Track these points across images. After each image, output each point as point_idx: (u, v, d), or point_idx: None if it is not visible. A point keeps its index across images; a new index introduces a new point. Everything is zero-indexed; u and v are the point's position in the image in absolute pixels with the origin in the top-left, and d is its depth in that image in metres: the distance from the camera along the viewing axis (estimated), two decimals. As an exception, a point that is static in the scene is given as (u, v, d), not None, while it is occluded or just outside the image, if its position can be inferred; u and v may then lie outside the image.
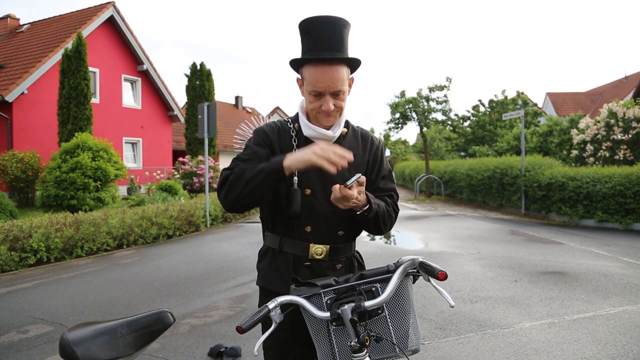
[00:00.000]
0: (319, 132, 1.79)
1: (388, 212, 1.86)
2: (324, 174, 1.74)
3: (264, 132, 1.85)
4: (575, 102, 34.23)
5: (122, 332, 1.29)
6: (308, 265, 1.79)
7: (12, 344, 3.70)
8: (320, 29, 1.72)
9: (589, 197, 10.24)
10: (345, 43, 1.76)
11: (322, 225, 1.79)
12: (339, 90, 1.72)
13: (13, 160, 13.55)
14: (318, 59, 1.69)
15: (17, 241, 6.58)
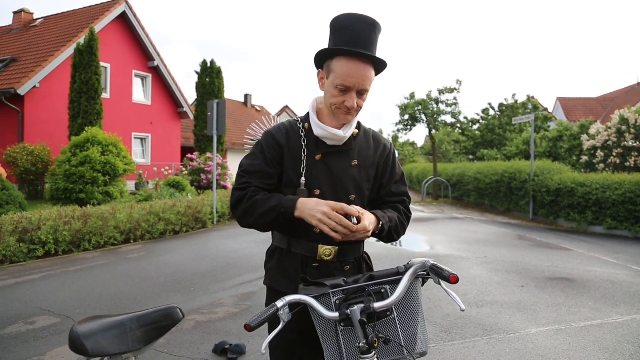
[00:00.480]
0: (329, 132, 1.77)
1: (401, 222, 1.86)
2: (333, 175, 1.77)
3: (272, 137, 1.83)
4: (586, 108, 33.96)
5: (131, 327, 1.29)
6: (316, 267, 1.78)
7: (20, 335, 3.73)
8: (359, 26, 1.70)
9: (599, 204, 10.16)
10: (377, 46, 1.76)
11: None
12: (365, 89, 1.71)
13: (24, 152, 13.66)
14: (356, 52, 1.67)
15: (26, 233, 6.62)
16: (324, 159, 1.79)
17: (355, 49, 1.67)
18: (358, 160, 1.81)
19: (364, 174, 1.81)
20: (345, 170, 1.79)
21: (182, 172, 16.90)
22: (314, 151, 1.79)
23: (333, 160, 1.79)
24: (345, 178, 1.79)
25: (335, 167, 1.79)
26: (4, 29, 22.33)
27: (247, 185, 1.75)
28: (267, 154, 1.80)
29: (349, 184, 1.79)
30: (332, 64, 1.71)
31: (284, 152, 1.80)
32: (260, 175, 1.77)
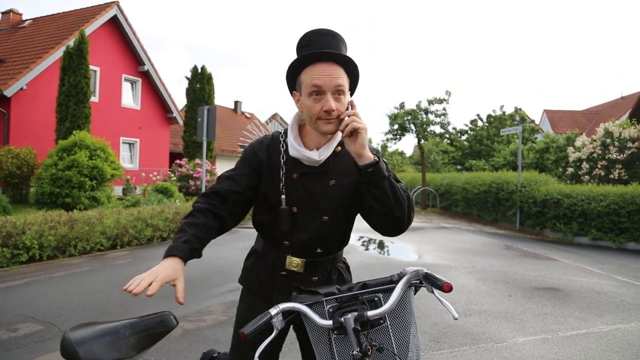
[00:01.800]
0: (303, 154, 1.75)
1: (402, 189, 1.72)
2: (310, 194, 1.76)
3: (253, 150, 1.84)
4: (571, 120, 34.46)
5: (124, 334, 1.28)
6: (284, 275, 1.83)
7: (1, 343, 3.66)
8: (320, 38, 1.72)
9: (584, 215, 10.28)
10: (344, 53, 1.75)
11: (300, 241, 1.80)
12: (339, 85, 1.66)
13: (8, 155, 13.47)
14: (318, 52, 1.67)
15: (10, 237, 6.52)
16: (301, 178, 1.77)
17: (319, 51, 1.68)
18: (336, 180, 1.77)
19: (343, 193, 1.77)
20: (322, 190, 1.77)
21: (171, 178, 16.80)
22: (292, 169, 1.78)
23: (309, 180, 1.77)
24: (321, 198, 1.77)
25: (312, 187, 1.77)
26: (-8, 30, 22.10)
27: (203, 198, 1.77)
28: (247, 165, 1.82)
29: (323, 205, 1.77)
30: (301, 77, 1.71)
31: (263, 167, 1.81)
32: (230, 183, 1.79)
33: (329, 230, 1.80)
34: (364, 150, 1.62)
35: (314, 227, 1.78)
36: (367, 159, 1.62)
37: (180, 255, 1.58)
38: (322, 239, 1.81)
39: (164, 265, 1.53)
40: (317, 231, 1.79)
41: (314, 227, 1.78)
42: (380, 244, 9.51)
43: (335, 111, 1.65)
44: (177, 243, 1.61)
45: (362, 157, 1.62)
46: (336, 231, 1.83)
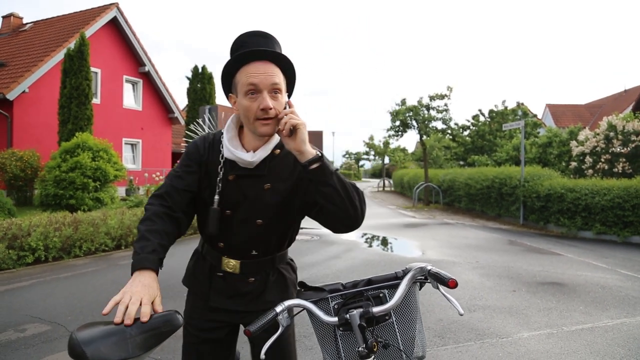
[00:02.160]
0: (236, 155, 1.72)
1: (352, 184, 1.67)
2: (245, 197, 1.74)
3: (196, 149, 1.81)
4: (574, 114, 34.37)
5: (131, 333, 1.28)
6: (221, 276, 1.82)
7: (10, 343, 3.69)
8: (252, 39, 1.70)
9: (588, 209, 10.26)
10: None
11: (235, 244, 1.79)
12: (275, 83, 1.64)
13: (12, 158, 13.52)
14: (250, 51, 1.65)
15: (16, 239, 6.56)
16: (237, 180, 1.75)
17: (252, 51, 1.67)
18: (272, 183, 1.74)
19: (279, 198, 1.74)
20: (256, 193, 1.74)
21: (173, 177, 16.78)
22: (229, 170, 1.76)
23: (246, 183, 1.75)
24: (255, 202, 1.74)
25: (247, 190, 1.74)
26: (-7, 33, 22.16)
27: (155, 199, 1.73)
28: (192, 162, 1.79)
29: (258, 209, 1.75)
30: (236, 78, 1.69)
31: (202, 166, 1.79)
32: (180, 181, 1.75)
33: (263, 234, 1.77)
34: (304, 146, 1.59)
35: (248, 230, 1.76)
36: (309, 154, 1.58)
37: (152, 268, 1.54)
38: (256, 242, 1.78)
39: (141, 283, 1.47)
40: (251, 234, 1.76)
41: (247, 230, 1.76)
42: (384, 240, 9.52)
43: (272, 110, 1.63)
44: (143, 254, 1.56)
45: (303, 153, 1.58)
46: (271, 235, 1.79)
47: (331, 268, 6.46)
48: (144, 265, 1.52)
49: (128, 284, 1.46)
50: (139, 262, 1.53)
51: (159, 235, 1.62)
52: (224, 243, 1.79)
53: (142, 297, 1.40)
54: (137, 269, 1.52)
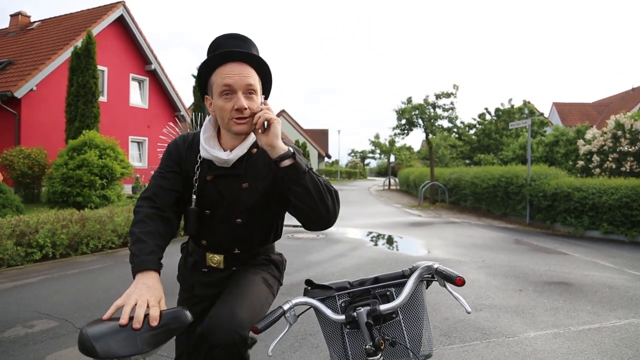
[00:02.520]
0: (212, 154, 1.73)
1: (325, 184, 1.66)
2: (223, 197, 1.75)
3: (176, 148, 1.84)
4: (581, 113, 34.19)
5: (140, 330, 1.30)
6: (205, 272, 1.85)
7: (18, 338, 3.72)
8: (228, 42, 1.72)
9: (595, 208, 10.20)
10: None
11: (217, 241, 1.81)
12: (250, 84, 1.65)
13: (20, 156, 13.61)
14: (225, 52, 1.66)
15: (24, 236, 6.60)
16: (215, 180, 1.76)
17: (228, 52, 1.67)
18: (250, 183, 1.74)
19: (257, 196, 1.74)
20: (235, 193, 1.75)
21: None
22: (206, 171, 1.77)
23: (223, 183, 1.76)
24: (234, 201, 1.75)
25: (225, 190, 1.76)
26: (1, 31, 22.28)
27: (144, 202, 1.74)
28: (172, 161, 1.81)
29: (237, 208, 1.76)
30: (212, 79, 1.70)
31: (182, 166, 1.80)
32: (165, 182, 1.77)
33: (244, 232, 1.79)
34: (276, 141, 1.58)
35: (228, 229, 1.77)
36: (281, 150, 1.57)
37: (154, 268, 1.55)
38: (238, 240, 1.80)
39: (145, 285, 1.48)
40: (232, 233, 1.78)
41: (228, 229, 1.78)
42: (390, 239, 9.51)
43: (247, 110, 1.63)
44: (142, 255, 1.56)
45: (275, 148, 1.57)
46: (252, 233, 1.81)
47: (337, 266, 6.47)
48: (146, 267, 1.53)
49: (132, 287, 1.46)
50: (140, 264, 1.54)
51: (154, 237, 1.63)
52: (206, 241, 1.82)
53: (149, 299, 1.41)
54: (138, 271, 1.52)
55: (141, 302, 1.38)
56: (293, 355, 3.42)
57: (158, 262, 1.59)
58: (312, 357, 3.41)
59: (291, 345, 3.58)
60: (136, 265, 1.54)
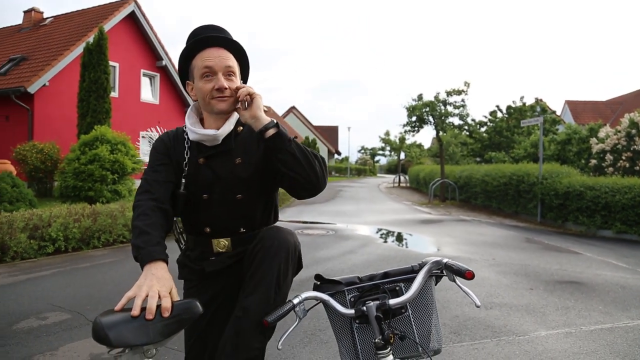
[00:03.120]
0: (201, 133, 1.78)
1: (312, 152, 1.72)
2: (219, 176, 1.77)
3: (162, 143, 1.87)
4: (594, 111, 33.82)
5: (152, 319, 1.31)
6: (213, 260, 1.83)
7: (32, 330, 3.76)
8: (206, 31, 1.80)
9: (608, 208, 10.10)
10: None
11: (221, 225, 1.80)
12: (229, 66, 1.74)
13: (33, 150, 13.77)
14: (208, 36, 1.76)
15: (37, 230, 6.68)
16: (208, 162, 1.79)
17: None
18: (242, 157, 1.79)
19: (251, 170, 1.78)
20: (230, 170, 1.78)
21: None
22: (197, 155, 1.80)
23: (216, 162, 1.79)
24: (230, 178, 1.78)
25: (220, 169, 1.78)
26: (14, 27, 22.51)
27: (142, 195, 1.74)
28: (161, 155, 1.84)
29: (235, 184, 1.78)
30: (192, 64, 1.78)
31: (170, 157, 1.83)
32: (159, 175, 1.79)
33: (245, 209, 1.80)
34: (259, 112, 1.68)
35: (230, 208, 1.78)
36: (265, 120, 1.66)
37: (162, 258, 1.55)
38: (242, 217, 1.81)
39: (154, 276, 1.48)
40: (234, 212, 1.79)
41: (229, 208, 1.78)
42: (399, 236, 9.50)
43: (227, 89, 1.72)
44: (149, 247, 1.57)
45: (258, 119, 1.67)
46: (254, 209, 1.82)
47: (347, 263, 6.47)
48: (154, 257, 1.53)
49: (141, 278, 1.46)
50: (148, 255, 1.54)
51: (158, 228, 1.64)
52: (209, 227, 1.81)
53: (160, 290, 1.41)
54: (147, 262, 1.52)
55: (152, 293, 1.39)
56: (302, 351, 3.43)
57: (165, 252, 1.59)
58: (322, 352, 3.41)
59: (301, 341, 3.60)
60: (144, 256, 1.54)
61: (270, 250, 1.62)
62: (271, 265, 1.60)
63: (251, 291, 1.60)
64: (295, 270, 1.73)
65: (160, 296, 1.40)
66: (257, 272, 1.61)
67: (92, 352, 3.31)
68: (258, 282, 1.60)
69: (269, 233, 1.68)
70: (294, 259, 1.69)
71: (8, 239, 6.24)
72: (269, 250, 1.62)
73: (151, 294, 1.39)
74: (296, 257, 1.71)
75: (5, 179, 9.03)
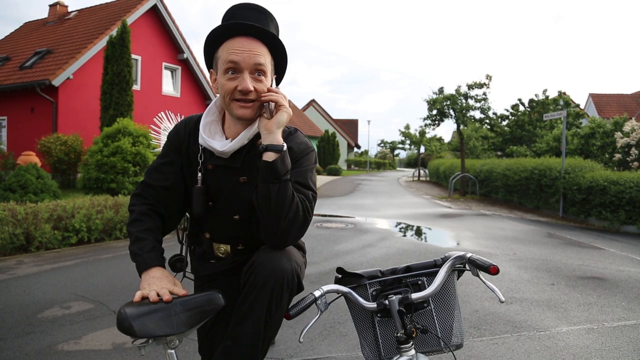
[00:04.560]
0: (208, 144, 1.59)
1: (299, 203, 1.51)
2: (222, 189, 1.65)
3: (177, 135, 1.72)
4: (619, 104, 33.05)
5: (176, 311, 1.33)
6: (213, 263, 1.77)
7: (56, 319, 3.85)
8: (244, 12, 1.55)
9: (632, 203, 9.89)
10: (271, 31, 1.57)
11: (220, 235, 1.72)
12: (259, 63, 1.49)
13: (57, 142, 14.03)
14: (237, 23, 1.50)
15: (61, 220, 6.81)
16: (215, 170, 1.65)
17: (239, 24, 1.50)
18: (248, 176, 1.61)
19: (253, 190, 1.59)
20: (233, 186, 1.64)
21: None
22: (208, 159, 1.65)
23: (222, 174, 1.64)
24: (232, 196, 1.64)
25: (224, 182, 1.65)
26: (40, 21, 22.92)
27: (137, 199, 1.70)
28: (173, 151, 1.71)
29: (234, 203, 1.65)
30: (218, 52, 1.55)
31: (182, 154, 1.70)
32: (158, 177, 1.70)
33: (243, 229, 1.68)
34: (275, 129, 1.46)
35: (227, 225, 1.68)
36: (275, 140, 1.46)
37: (157, 265, 1.54)
38: (239, 236, 1.69)
39: (154, 277, 1.49)
40: (232, 230, 1.68)
41: (227, 225, 1.68)
42: (418, 230, 9.45)
43: (252, 92, 1.49)
44: (144, 254, 1.54)
45: (271, 133, 1.46)
46: (252, 231, 1.67)
47: (366, 256, 6.47)
48: (149, 265, 1.53)
49: (143, 284, 1.48)
50: (143, 263, 1.53)
51: (153, 232, 1.61)
52: (209, 234, 1.73)
53: (165, 286, 1.45)
54: (143, 270, 1.53)
55: (159, 290, 1.42)
56: (322, 343, 3.44)
57: (161, 256, 1.58)
58: (341, 345, 3.43)
59: (320, 333, 3.61)
60: (140, 265, 1.54)
61: (263, 278, 1.46)
62: (262, 295, 1.46)
63: (241, 320, 1.50)
64: (292, 295, 1.57)
65: (168, 287, 1.43)
66: (248, 299, 1.48)
67: (115, 341, 3.38)
68: (249, 311, 1.49)
69: (264, 258, 1.49)
70: (291, 286, 1.52)
71: (33, 229, 6.38)
72: (262, 278, 1.46)
73: (159, 290, 1.42)
74: (295, 283, 1.53)
75: (30, 170, 9.22)
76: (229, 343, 1.51)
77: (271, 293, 1.46)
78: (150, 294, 1.39)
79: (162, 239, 1.67)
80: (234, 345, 1.50)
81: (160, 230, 1.68)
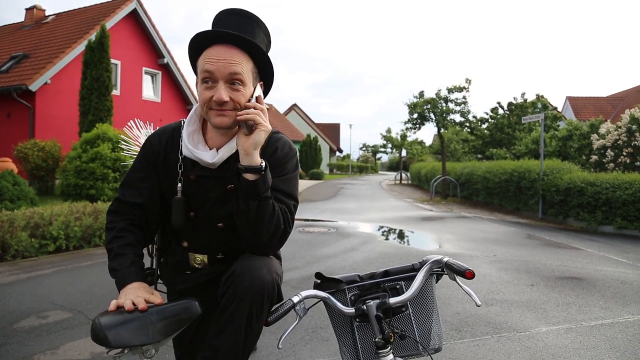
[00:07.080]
0: (195, 155, 1.57)
1: (279, 216, 1.52)
2: (207, 198, 1.63)
3: (150, 147, 1.69)
4: (595, 107, 33.70)
5: (151, 319, 1.32)
6: (188, 274, 1.73)
7: (33, 329, 3.77)
8: (230, 18, 1.53)
9: (608, 203, 10.09)
10: (256, 39, 1.54)
11: (199, 244, 1.69)
12: (235, 73, 1.45)
13: (34, 148, 13.77)
14: (213, 31, 1.47)
15: (38, 228, 6.69)
16: (198, 180, 1.62)
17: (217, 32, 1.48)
18: (235, 184, 1.55)
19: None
20: (219, 195, 1.61)
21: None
22: (189, 169, 1.62)
23: (207, 183, 1.61)
24: (218, 204, 1.62)
25: (209, 191, 1.62)
26: (16, 25, 22.52)
27: (114, 216, 1.66)
28: (146, 164, 1.68)
29: (220, 211, 1.62)
30: (198, 60, 1.52)
31: (158, 166, 1.66)
32: (132, 192, 1.67)
33: (226, 237, 1.65)
34: (253, 150, 1.44)
35: (210, 233, 1.65)
36: (254, 162, 1.44)
37: (137, 280, 1.52)
38: (221, 245, 1.67)
39: (131, 288, 1.47)
40: (214, 237, 1.66)
41: (209, 233, 1.65)
42: (400, 233, 9.49)
43: (228, 102, 1.46)
44: (123, 270, 1.52)
45: (248, 155, 1.44)
46: (236, 239, 1.64)
47: (348, 260, 6.47)
48: (127, 281, 1.50)
49: (121, 295, 1.45)
50: (122, 278, 1.51)
51: (133, 247, 1.59)
52: (187, 242, 1.69)
53: (142, 295, 1.43)
54: (122, 286, 1.50)
55: (134, 299, 1.41)
56: (303, 349, 3.43)
57: (140, 271, 1.56)
58: (323, 350, 3.42)
59: (301, 339, 3.60)
60: (119, 280, 1.52)
61: (243, 290, 1.45)
62: (242, 307, 1.46)
63: (220, 331, 1.49)
64: (272, 305, 1.56)
65: (144, 298, 1.41)
66: (227, 310, 1.47)
67: (93, 350, 3.32)
68: (228, 322, 1.48)
69: (244, 269, 1.48)
70: (271, 298, 1.52)
71: (9, 238, 6.25)
72: (241, 289, 1.45)
73: (134, 299, 1.40)
74: (275, 294, 1.54)
75: (6, 177, 9.04)
76: (208, 354, 1.50)
77: (251, 305, 1.46)
78: (126, 303, 1.37)
79: (142, 254, 1.65)
80: (213, 356, 1.49)
81: (142, 244, 1.66)
